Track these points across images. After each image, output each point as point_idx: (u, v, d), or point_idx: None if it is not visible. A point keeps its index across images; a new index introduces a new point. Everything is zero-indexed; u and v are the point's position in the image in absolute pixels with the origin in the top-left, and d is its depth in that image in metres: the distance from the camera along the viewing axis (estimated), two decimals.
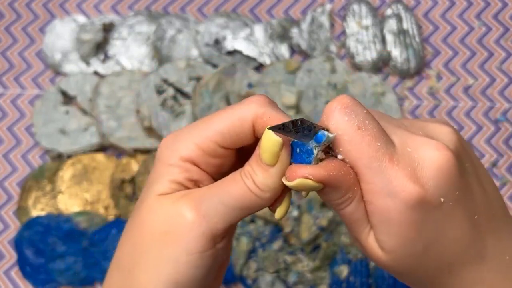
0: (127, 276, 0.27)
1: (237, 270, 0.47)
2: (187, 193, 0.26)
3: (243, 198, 0.25)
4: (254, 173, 0.25)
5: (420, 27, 0.55)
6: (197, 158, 0.26)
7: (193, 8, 0.56)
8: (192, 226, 0.25)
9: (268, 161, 0.25)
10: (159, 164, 0.27)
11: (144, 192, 0.27)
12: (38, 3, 0.56)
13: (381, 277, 0.47)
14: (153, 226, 0.26)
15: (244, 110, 0.26)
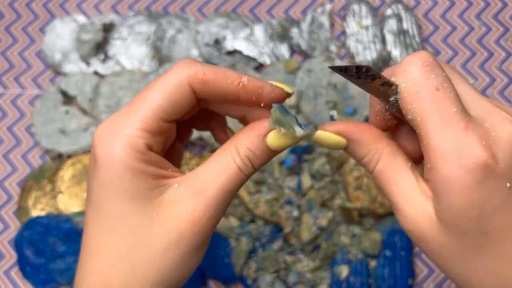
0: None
1: (237, 270, 0.47)
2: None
3: (236, 181, 0.25)
4: (256, 159, 0.25)
5: (420, 27, 0.55)
6: (148, 140, 0.25)
7: (193, 8, 0.56)
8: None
9: (278, 149, 0.25)
10: (103, 165, 0.24)
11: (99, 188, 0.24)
12: (38, 3, 0.56)
13: (381, 277, 0.47)
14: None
15: (176, 76, 0.25)
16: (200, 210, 0.24)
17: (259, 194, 0.48)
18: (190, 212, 0.24)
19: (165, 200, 0.25)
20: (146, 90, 0.25)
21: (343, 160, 0.49)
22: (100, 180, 0.24)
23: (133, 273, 0.24)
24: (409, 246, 0.48)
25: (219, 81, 0.25)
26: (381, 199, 0.48)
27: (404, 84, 0.24)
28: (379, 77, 0.24)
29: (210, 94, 0.25)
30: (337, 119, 0.26)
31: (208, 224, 0.25)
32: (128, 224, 0.24)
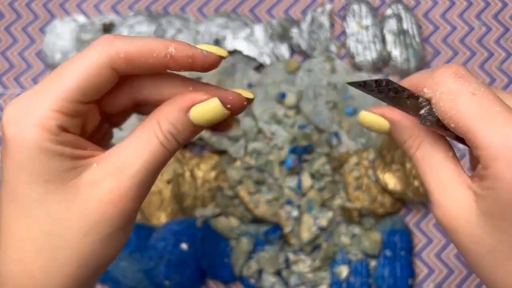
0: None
1: (237, 270, 0.47)
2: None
3: (159, 158, 0.24)
4: (179, 134, 0.24)
5: (420, 27, 0.55)
6: (58, 125, 0.23)
7: (193, 8, 0.56)
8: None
9: (202, 123, 0.25)
10: (15, 146, 0.23)
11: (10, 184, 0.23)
12: (38, 3, 0.56)
13: (381, 277, 0.47)
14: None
15: (95, 56, 0.23)
16: (120, 189, 0.23)
17: (259, 194, 0.48)
18: (109, 192, 0.23)
19: (83, 181, 0.23)
20: (62, 68, 0.24)
21: (343, 160, 0.49)
22: (12, 162, 0.23)
23: (53, 259, 0.23)
24: (409, 246, 0.48)
25: (144, 56, 0.23)
26: (381, 199, 0.48)
27: (438, 93, 0.24)
28: (403, 90, 0.24)
29: (135, 71, 0.24)
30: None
31: (130, 204, 0.24)
32: (45, 208, 0.23)
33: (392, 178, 0.48)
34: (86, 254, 0.23)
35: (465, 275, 0.49)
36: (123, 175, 0.23)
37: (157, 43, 0.24)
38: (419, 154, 0.25)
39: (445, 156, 0.25)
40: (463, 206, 0.24)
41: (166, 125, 0.24)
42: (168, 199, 0.49)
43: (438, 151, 0.25)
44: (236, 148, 0.50)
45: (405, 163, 0.48)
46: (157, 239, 0.48)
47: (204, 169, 0.50)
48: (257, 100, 0.51)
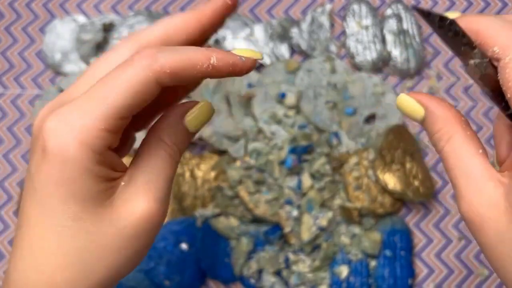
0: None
1: (237, 270, 0.47)
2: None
3: (173, 169, 0.26)
4: (180, 142, 0.26)
5: (420, 27, 0.55)
6: (105, 145, 0.23)
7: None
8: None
9: (197, 128, 0.26)
10: (56, 161, 0.23)
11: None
12: (38, 3, 0.56)
13: (381, 277, 0.47)
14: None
15: (142, 71, 0.23)
16: (153, 207, 0.24)
17: (259, 194, 0.48)
18: (144, 209, 0.24)
19: (115, 200, 0.24)
20: (106, 84, 0.23)
21: (343, 160, 0.49)
22: (51, 176, 0.23)
23: (80, 272, 0.24)
24: (409, 246, 0.48)
25: (188, 69, 0.24)
26: (381, 199, 0.48)
27: (508, 58, 0.23)
28: (463, 36, 0.23)
29: (179, 83, 0.24)
30: None
31: (161, 218, 0.25)
32: (80, 226, 0.23)
33: (392, 178, 0.48)
34: (115, 268, 0.24)
35: (465, 275, 0.49)
36: (152, 192, 0.25)
37: (200, 55, 0.24)
38: (449, 148, 0.25)
39: (475, 152, 0.25)
40: (492, 202, 0.23)
41: (169, 139, 0.26)
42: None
43: (469, 146, 0.25)
44: (236, 148, 0.50)
45: (405, 163, 0.48)
46: (157, 239, 0.47)
47: (204, 169, 0.50)
48: (257, 100, 0.51)
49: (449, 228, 0.50)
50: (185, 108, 0.26)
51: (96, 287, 0.24)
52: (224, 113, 0.51)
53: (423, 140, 0.52)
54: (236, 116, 0.51)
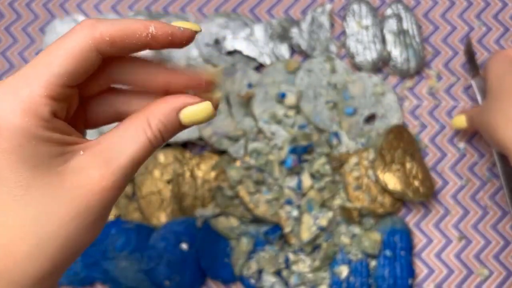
0: None
1: (237, 270, 0.47)
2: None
3: (145, 153, 0.25)
4: (167, 132, 0.25)
5: (420, 27, 0.55)
6: (50, 111, 0.24)
7: (193, 8, 0.56)
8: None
9: (190, 124, 0.26)
10: (3, 131, 0.23)
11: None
12: (38, 3, 0.56)
13: (381, 277, 0.47)
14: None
15: (82, 39, 0.24)
16: (109, 180, 0.24)
17: (259, 194, 0.48)
18: (98, 181, 0.24)
19: (70, 168, 0.24)
20: (48, 53, 0.24)
21: (343, 160, 0.49)
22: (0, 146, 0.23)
23: (37, 245, 0.23)
24: (409, 246, 0.48)
25: (127, 37, 0.24)
26: (381, 199, 0.48)
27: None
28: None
29: (119, 52, 0.25)
30: None
31: (115, 194, 0.25)
32: (32, 193, 0.23)
33: (392, 178, 0.48)
34: (68, 240, 0.24)
35: (465, 275, 0.49)
36: (110, 166, 0.24)
37: (138, 24, 0.24)
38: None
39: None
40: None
41: (156, 123, 0.25)
42: (168, 199, 0.49)
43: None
44: (236, 148, 0.50)
45: (405, 163, 0.48)
46: (157, 239, 0.48)
47: (204, 169, 0.50)
48: (257, 100, 0.51)
49: (449, 228, 0.50)
50: (186, 101, 0.26)
51: (52, 260, 0.24)
52: (224, 113, 0.51)
53: (423, 140, 0.52)
54: (236, 116, 0.51)
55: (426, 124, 0.53)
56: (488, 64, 0.45)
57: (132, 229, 0.48)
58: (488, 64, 0.45)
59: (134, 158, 0.25)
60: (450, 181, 0.51)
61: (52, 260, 0.24)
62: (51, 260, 0.24)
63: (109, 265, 0.47)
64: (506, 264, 0.49)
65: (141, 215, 0.49)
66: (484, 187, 0.51)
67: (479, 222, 0.50)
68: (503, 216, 0.51)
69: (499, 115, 0.41)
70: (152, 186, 0.49)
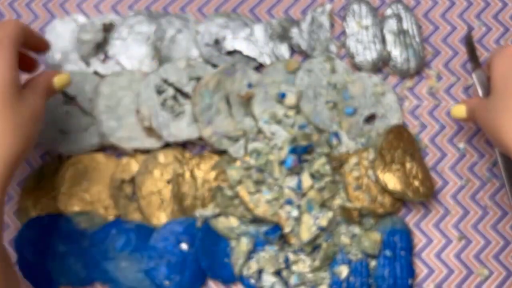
0: None
1: (237, 270, 0.47)
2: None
3: (37, 99, 0.42)
4: (48, 91, 0.45)
5: (420, 27, 0.55)
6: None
7: (193, 8, 0.56)
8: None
9: (60, 88, 0.46)
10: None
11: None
12: (38, 3, 0.56)
13: (381, 277, 0.47)
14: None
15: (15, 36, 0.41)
16: (42, 102, 0.42)
17: (259, 194, 0.48)
18: (39, 101, 0.42)
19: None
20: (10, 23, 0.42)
21: (343, 160, 0.49)
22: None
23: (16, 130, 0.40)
24: (409, 246, 0.48)
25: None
26: (381, 199, 0.48)
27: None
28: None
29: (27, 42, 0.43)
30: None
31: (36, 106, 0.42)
32: (11, 106, 0.39)
33: (392, 178, 0.48)
34: (30, 131, 0.40)
35: (465, 275, 0.49)
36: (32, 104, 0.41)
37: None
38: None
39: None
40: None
41: (41, 84, 0.43)
42: (168, 199, 0.49)
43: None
44: (236, 148, 0.50)
45: (405, 163, 0.48)
46: (157, 239, 0.48)
47: (204, 169, 0.50)
48: (257, 100, 0.51)
49: (449, 228, 0.50)
50: (55, 73, 0.45)
51: (24, 143, 0.40)
52: (224, 113, 0.51)
53: (423, 140, 0.52)
54: (236, 116, 0.51)
55: (426, 124, 0.53)
56: (492, 61, 0.43)
57: (132, 229, 0.48)
58: (493, 61, 0.43)
59: (36, 91, 0.42)
60: (450, 181, 0.51)
61: (24, 143, 0.40)
62: (25, 142, 0.40)
63: (109, 266, 0.47)
64: (506, 264, 0.49)
65: (141, 215, 0.49)
66: (484, 187, 0.51)
67: (479, 222, 0.50)
68: (503, 216, 0.51)
69: (503, 115, 0.40)
70: (152, 186, 0.49)
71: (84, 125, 0.51)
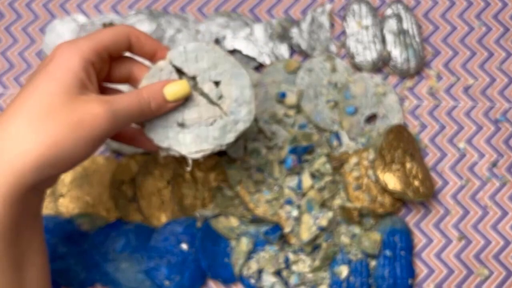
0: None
1: (237, 270, 0.47)
2: (100, 97, 0.35)
3: (137, 112, 0.36)
4: (154, 100, 0.37)
5: (420, 27, 0.55)
6: (94, 59, 0.35)
7: (193, 8, 0.56)
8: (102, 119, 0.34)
9: (173, 101, 0.38)
10: (60, 66, 0.34)
11: (44, 79, 0.34)
12: (38, 3, 0.56)
13: (381, 277, 0.47)
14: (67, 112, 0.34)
15: (121, 28, 0.38)
16: (104, 112, 0.34)
17: (259, 194, 0.48)
18: (97, 111, 0.34)
19: (86, 98, 0.34)
20: (99, 31, 0.37)
21: (343, 160, 0.49)
22: (51, 73, 0.34)
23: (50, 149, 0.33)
24: (409, 246, 0.48)
25: (147, 39, 0.39)
26: (381, 199, 0.48)
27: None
28: None
29: (138, 48, 0.39)
30: None
31: (105, 127, 0.34)
32: (67, 105, 0.33)
33: (392, 178, 0.48)
34: (66, 143, 0.33)
35: (465, 275, 0.49)
36: (108, 105, 0.34)
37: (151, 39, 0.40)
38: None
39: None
40: None
41: (146, 91, 0.37)
42: (168, 199, 0.49)
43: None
44: (236, 148, 0.50)
45: (405, 163, 0.48)
46: (157, 239, 0.48)
47: (204, 169, 0.50)
48: (257, 100, 0.51)
49: (449, 228, 0.50)
50: (167, 81, 0.38)
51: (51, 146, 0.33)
52: None
53: (423, 140, 0.53)
54: None
55: (426, 124, 0.53)
56: None
57: (132, 230, 0.48)
58: None
59: (126, 108, 0.35)
60: (450, 181, 0.52)
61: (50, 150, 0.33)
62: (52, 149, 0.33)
63: (109, 267, 0.47)
64: (506, 264, 0.50)
65: (142, 216, 0.50)
66: (484, 187, 0.51)
67: (479, 222, 0.51)
68: (503, 216, 0.51)
69: None
70: (152, 187, 0.49)
71: None
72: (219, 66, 0.39)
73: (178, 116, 0.39)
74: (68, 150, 0.33)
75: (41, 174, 0.33)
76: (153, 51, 0.39)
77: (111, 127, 0.34)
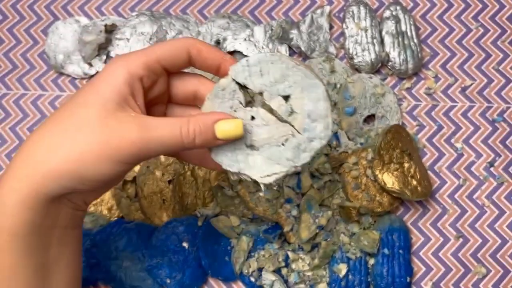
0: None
1: (237, 268, 0.48)
2: (136, 118, 0.32)
3: (172, 139, 0.32)
4: (200, 135, 0.33)
5: (418, 28, 0.56)
6: (142, 73, 0.33)
7: (194, 9, 0.57)
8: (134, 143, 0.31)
9: (223, 139, 0.33)
10: (106, 74, 0.33)
11: (91, 92, 0.32)
12: (41, 4, 0.57)
13: (379, 275, 0.47)
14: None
15: (181, 41, 0.35)
16: (138, 138, 0.31)
17: (259, 194, 0.48)
18: (131, 135, 0.31)
19: (122, 116, 0.32)
20: (158, 44, 0.34)
21: (342, 159, 0.50)
22: (94, 85, 0.33)
23: (108, 149, 0.31)
24: (407, 244, 0.49)
25: (210, 52, 0.35)
26: (379, 198, 0.49)
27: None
28: None
29: (199, 61, 0.35)
30: None
31: (136, 153, 0.32)
32: (100, 119, 0.32)
33: (391, 177, 0.48)
34: (91, 162, 0.31)
35: (462, 273, 0.50)
36: (144, 131, 0.32)
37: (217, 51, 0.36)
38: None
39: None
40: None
41: (193, 123, 0.33)
42: (169, 198, 0.50)
43: None
44: None
45: (403, 163, 0.49)
46: (159, 238, 0.48)
47: (204, 168, 0.50)
48: None
49: (447, 227, 0.51)
50: (220, 116, 0.33)
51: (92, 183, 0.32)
52: None
53: (421, 140, 0.53)
54: None
55: (424, 124, 0.53)
56: None
57: (134, 229, 0.48)
58: None
59: (163, 138, 0.32)
60: (448, 181, 0.52)
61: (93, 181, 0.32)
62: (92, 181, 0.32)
63: (111, 265, 0.47)
64: (504, 262, 0.50)
65: (143, 215, 0.50)
66: (481, 186, 0.52)
67: (477, 221, 0.51)
68: (501, 215, 0.51)
69: None
70: (153, 186, 0.50)
71: None
72: (288, 78, 0.34)
73: (247, 137, 0.34)
74: (92, 167, 0.31)
75: (63, 186, 0.31)
76: (217, 65, 0.35)
77: (141, 153, 0.32)
